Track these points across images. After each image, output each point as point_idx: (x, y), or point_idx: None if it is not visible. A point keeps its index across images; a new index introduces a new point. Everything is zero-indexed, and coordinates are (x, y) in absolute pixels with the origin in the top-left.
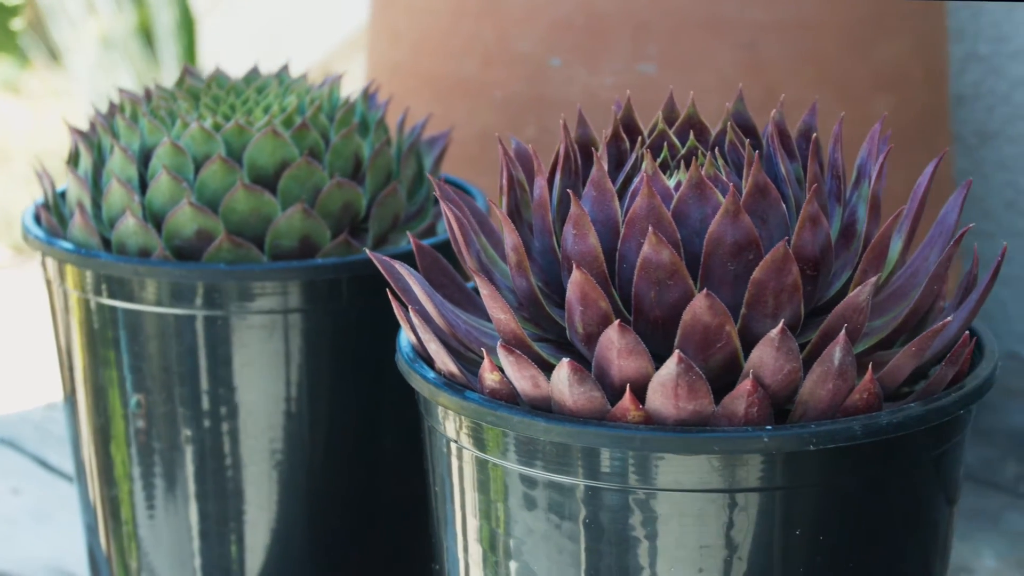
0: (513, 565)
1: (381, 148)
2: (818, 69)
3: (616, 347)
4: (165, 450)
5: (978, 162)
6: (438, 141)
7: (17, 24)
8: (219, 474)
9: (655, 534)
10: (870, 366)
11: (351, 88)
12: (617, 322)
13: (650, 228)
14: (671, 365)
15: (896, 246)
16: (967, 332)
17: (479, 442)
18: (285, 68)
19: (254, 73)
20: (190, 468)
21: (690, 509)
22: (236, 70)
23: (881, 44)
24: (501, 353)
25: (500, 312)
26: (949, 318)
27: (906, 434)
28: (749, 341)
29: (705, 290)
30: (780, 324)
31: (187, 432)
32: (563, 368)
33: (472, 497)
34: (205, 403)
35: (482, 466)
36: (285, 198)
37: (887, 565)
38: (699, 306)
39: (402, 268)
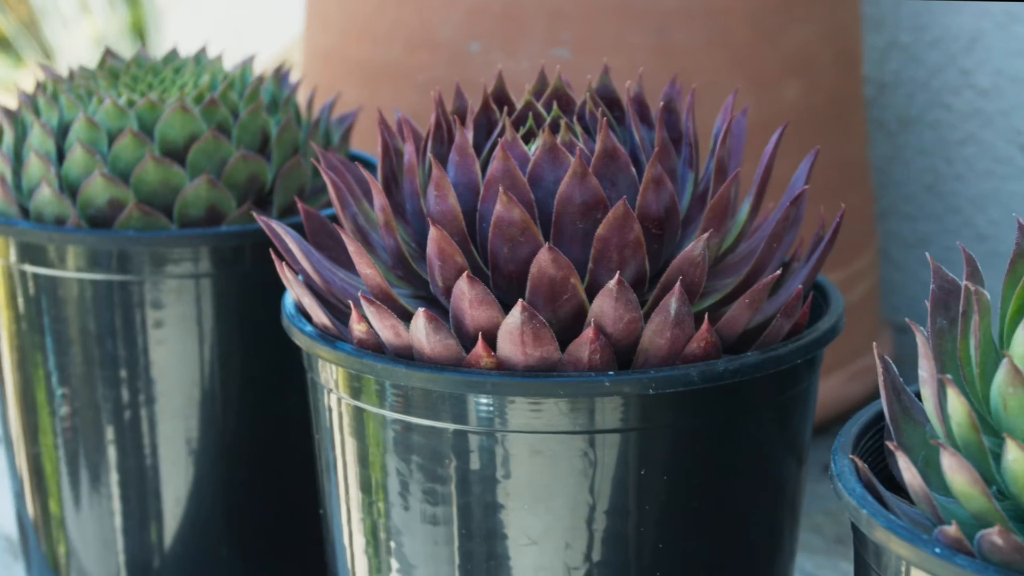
0: (389, 508)
1: (287, 124)
2: (727, 54)
3: (467, 297)
4: (84, 408)
5: (899, 147)
6: (347, 119)
7: None
8: (136, 430)
9: (513, 474)
10: (706, 316)
11: (296, 75)
12: (466, 274)
13: (501, 189)
14: (515, 314)
15: (744, 211)
16: (800, 287)
17: (353, 391)
18: (203, 50)
19: (173, 54)
20: (108, 426)
21: (543, 450)
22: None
23: (790, 30)
24: (365, 304)
25: (366, 267)
26: (778, 272)
27: (744, 380)
28: (596, 294)
29: (547, 244)
30: (617, 276)
31: (105, 391)
32: (419, 318)
33: (351, 444)
34: (122, 364)
35: (357, 413)
36: (193, 170)
37: (735, 511)
38: (544, 259)
39: (281, 229)
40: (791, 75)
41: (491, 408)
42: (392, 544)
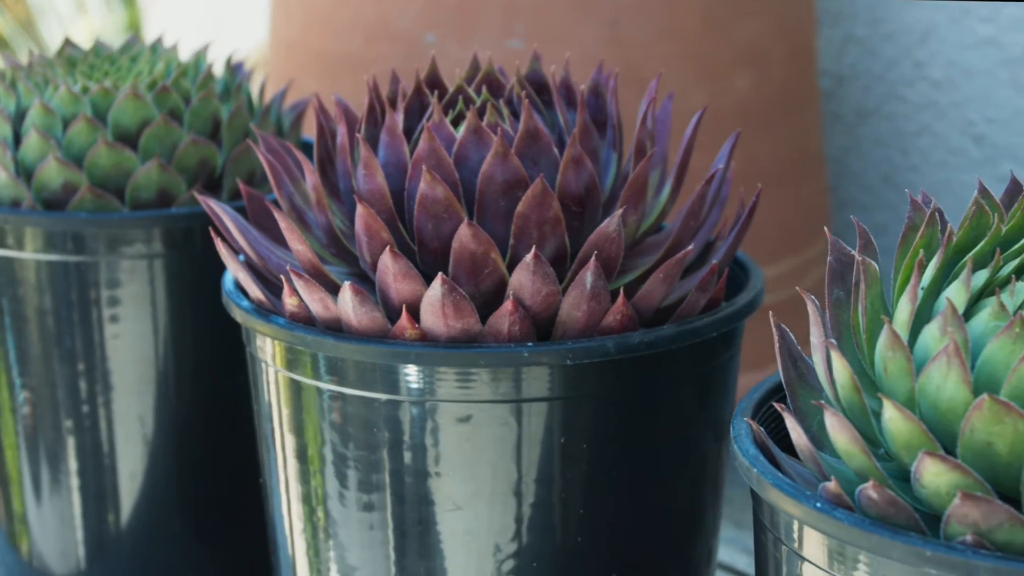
0: (324, 476)
1: (237, 110)
2: (678, 45)
3: (391, 271)
4: (41, 386)
5: (857, 139)
6: (298, 106)
7: None
8: (91, 408)
9: (441, 442)
10: (621, 290)
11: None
12: (389, 248)
13: (425, 168)
14: (436, 287)
15: (665, 192)
16: (715, 263)
17: (288, 363)
18: (159, 39)
19: (130, 43)
20: (64, 403)
21: (468, 419)
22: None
23: (741, 23)
24: (294, 278)
25: (297, 243)
26: (689, 247)
27: (661, 352)
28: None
29: (467, 220)
30: (533, 250)
31: (61, 368)
32: (346, 291)
33: (287, 415)
34: (78, 343)
35: (292, 385)
36: (145, 154)
37: (656, 481)
38: (464, 235)
39: (220, 209)
40: (742, 67)
41: (418, 378)
42: (327, 511)
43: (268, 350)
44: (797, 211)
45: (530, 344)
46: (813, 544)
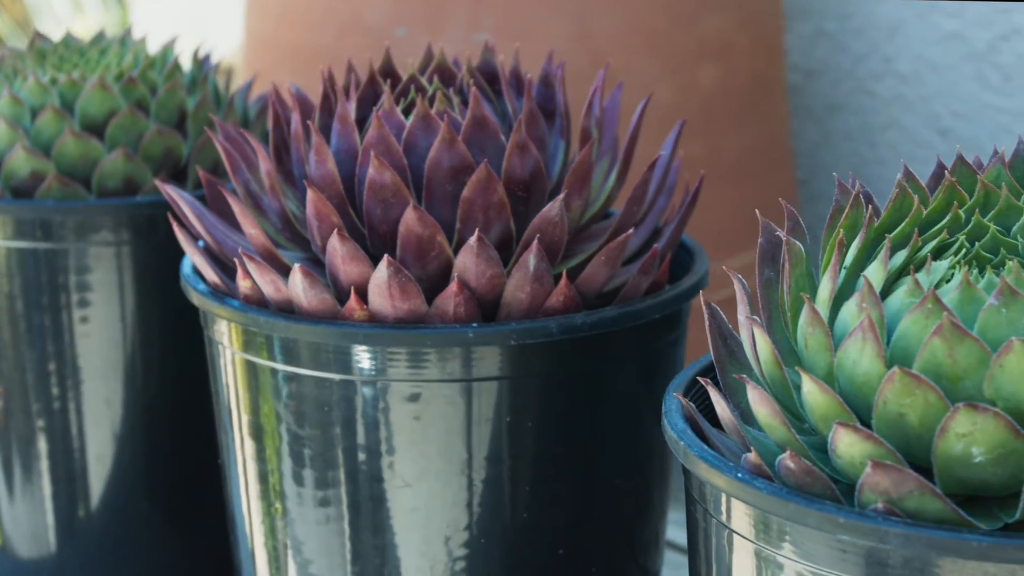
0: (280, 455)
1: (202, 101)
2: (644, 39)
3: (339, 254)
4: (10, 370)
5: (827, 133)
6: (263, 99)
7: None
8: (61, 391)
9: (390, 420)
10: (564, 273)
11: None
12: (337, 231)
13: (373, 153)
14: (382, 269)
15: (612, 179)
16: (656, 247)
17: (244, 344)
18: (128, 32)
19: (100, 36)
20: (34, 387)
21: (417, 398)
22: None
23: (707, 16)
24: (247, 261)
25: (250, 227)
26: (630, 231)
27: (604, 333)
28: None
29: (413, 204)
30: (476, 233)
31: (30, 353)
32: (296, 273)
33: (244, 396)
34: (47, 327)
35: (248, 366)
36: (111, 144)
37: (603, 461)
38: (410, 218)
39: (177, 195)
40: (708, 60)
41: (368, 358)
42: (283, 489)
43: (224, 332)
44: (764, 203)
45: (475, 325)
46: (738, 515)
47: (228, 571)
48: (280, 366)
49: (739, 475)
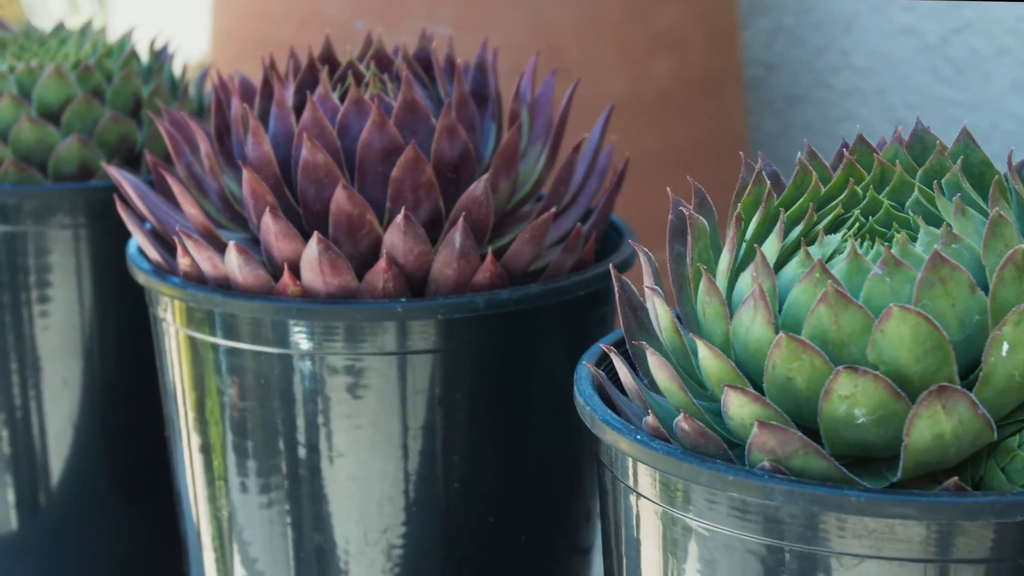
0: (222, 429)
1: (157, 89)
2: (599, 31)
3: (272, 231)
4: None
5: (786, 125)
6: None
7: None
8: (21, 370)
9: (326, 393)
10: (490, 250)
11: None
12: (269, 208)
13: (306, 135)
14: (313, 245)
15: (541, 161)
16: (580, 225)
17: (185, 320)
18: (88, 23)
19: (60, 27)
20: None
21: (350, 370)
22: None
23: (660, 9)
24: (185, 239)
25: (189, 206)
26: (553, 209)
27: (530, 309)
28: None
29: (343, 183)
30: (403, 211)
31: None
32: (231, 250)
33: (187, 371)
34: (6, 308)
35: (189, 342)
36: (67, 130)
37: (532, 435)
38: (340, 198)
39: (120, 177)
40: (662, 53)
41: (302, 332)
42: (225, 460)
43: (167, 309)
44: (717, 193)
45: (404, 300)
46: (642, 478)
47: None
48: (220, 341)
49: (638, 437)
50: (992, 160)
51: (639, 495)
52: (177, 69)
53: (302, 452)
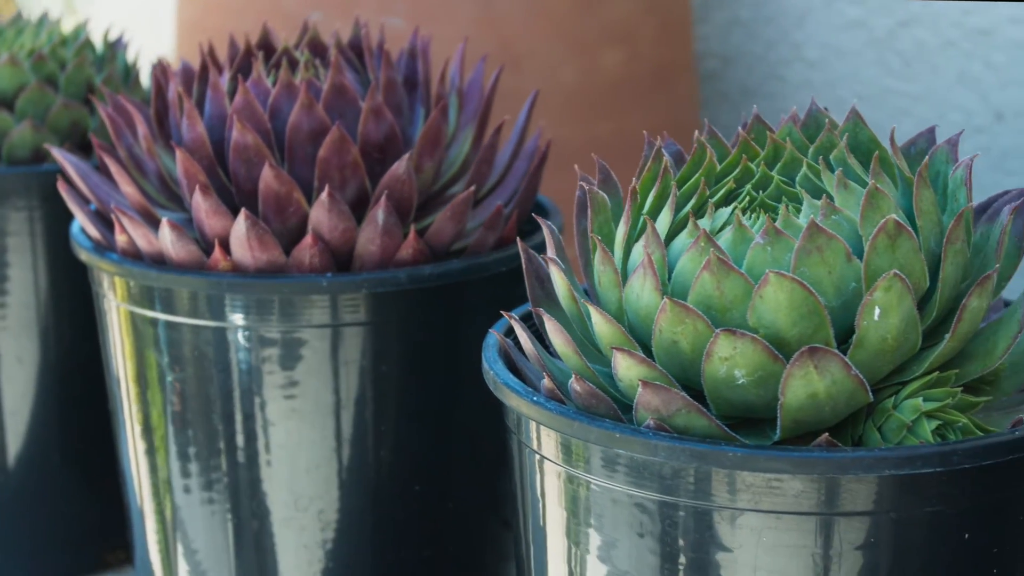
0: (163, 400)
1: (109, 77)
2: (549, 23)
3: (203, 208)
4: None
5: (741, 118)
6: None
7: None
8: None
9: (258, 364)
10: (413, 227)
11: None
12: (199, 186)
13: (236, 118)
14: (240, 221)
15: (467, 144)
16: (500, 204)
17: (124, 295)
18: (45, 14)
19: (18, 17)
20: None
21: (281, 342)
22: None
23: (610, 2)
24: (121, 216)
25: (126, 185)
26: (472, 188)
27: (453, 284)
28: None
29: (269, 163)
30: (327, 189)
31: None
32: (164, 227)
33: (127, 344)
34: None
35: (128, 316)
36: (20, 116)
37: (458, 409)
38: (268, 176)
39: (62, 158)
40: (612, 44)
41: (233, 306)
42: (165, 430)
43: (107, 285)
44: None
45: (329, 274)
46: (543, 439)
47: None
48: (159, 315)
49: (535, 399)
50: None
51: (542, 457)
52: (131, 58)
53: (238, 422)
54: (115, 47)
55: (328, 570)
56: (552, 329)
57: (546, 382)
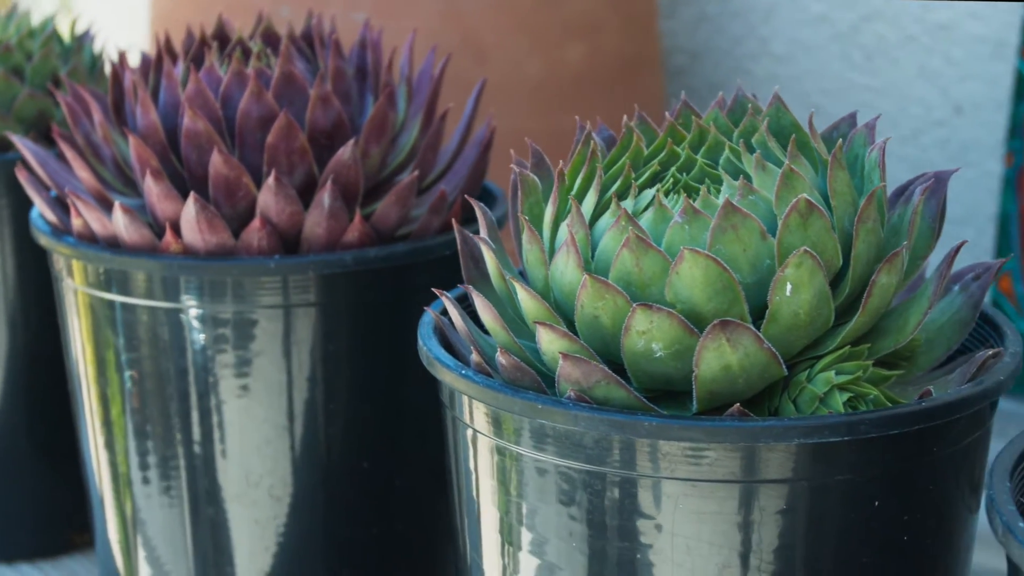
0: (118, 380)
1: (74, 68)
2: (512, 17)
3: (154, 192)
4: None
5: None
6: None
7: None
8: None
9: (212, 343)
10: (358, 210)
11: None
12: (150, 170)
13: (187, 105)
14: (190, 205)
15: (414, 132)
16: (444, 189)
17: (82, 278)
18: (14, 6)
19: (11, 11)
20: None
21: (234, 322)
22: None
23: None
24: (75, 200)
25: (81, 170)
26: (416, 173)
27: (398, 267)
28: None
29: (218, 148)
30: (274, 173)
31: None
32: (117, 211)
33: (85, 325)
34: None
35: (85, 299)
36: None
37: (408, 387)
38: (216, 161)
39: (21, 144)
40: (575, 38)
41: (187, 287)
42: (123, 408)
43: (64, 268)
44: None
45: (277, 256)
46: (475, 413)
47: None
48: (113, 296)
49: (463, 372)
50: (899, 143)
51: (475, 431)
52: (98, 50)
53: (192, 400)
54: (82, 39)
55: (280, 546)
56: (480, 305)
57: (474, 356)
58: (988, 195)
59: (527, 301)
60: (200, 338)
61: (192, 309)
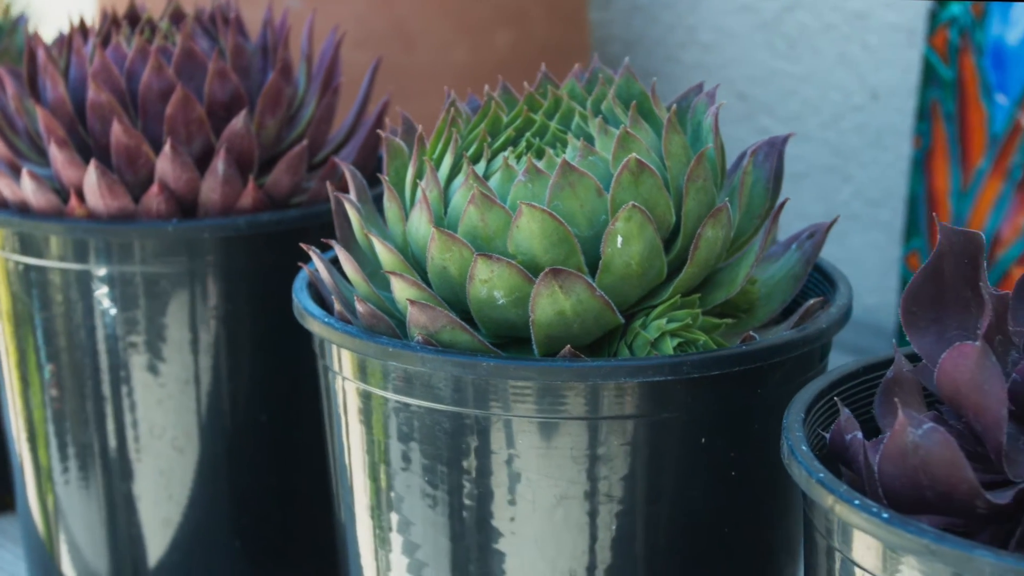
0: (33, 340)
1: (4, 49)
2: (443, 4)
3: (59, 160)
4: None
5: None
6: None
7: None
8: None
9: (125, 305)
10: (251, 177)
11: None
12: (54, 139)
13: (91, 78)
14: (91, 171)
15: (312, 106)
16: (334, 158)
17: (9, 247)
18: None
19: None
20: None
21: (140, 284)
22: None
23: None
24: None
25: None
26: (305, 142)
27: (290, 230)
28: None
29: (118, 118)
30: (170, 141)
31: None
32: (24, 177)
33: (3, 286)
34: None
35: (4, 264)
36: None
37: (303, 344)
38: (117, 131)
39: None
40: (503, 24)
41: (95, 249)
42: (38, 366)
43: None
44: None
45: (175, 220)
46: (341, 359)
47: None
48: (21, 258)
49: (327, 320)
50: (820, 128)
51: (342, 377)
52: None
53: (106, 361)
54: (17, 22)
55: (186, 496)
56: (343, 258)
57: (336, 305)
58: (903, 177)
59: (383, 253)
60: (111, 300)
61: (99, 270)
